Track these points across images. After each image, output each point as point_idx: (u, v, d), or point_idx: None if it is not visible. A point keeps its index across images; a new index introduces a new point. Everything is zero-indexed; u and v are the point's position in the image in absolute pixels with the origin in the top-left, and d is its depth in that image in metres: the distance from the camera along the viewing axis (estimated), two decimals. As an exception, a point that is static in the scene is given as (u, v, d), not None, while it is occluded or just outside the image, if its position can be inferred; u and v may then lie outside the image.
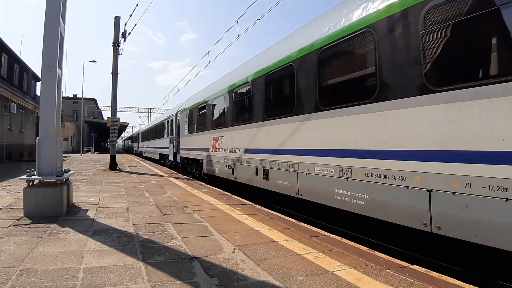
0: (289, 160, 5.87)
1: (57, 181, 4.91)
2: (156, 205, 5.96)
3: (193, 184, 9.74)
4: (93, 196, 6.80)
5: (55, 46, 5.00)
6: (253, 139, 7.30)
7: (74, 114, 47.49)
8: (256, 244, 3.66)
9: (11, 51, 21.42)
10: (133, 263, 2.97)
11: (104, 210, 5.33)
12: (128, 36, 15.58)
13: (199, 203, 6.27)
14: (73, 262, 2.93)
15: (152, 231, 4.09)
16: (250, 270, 2.85)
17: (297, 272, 2.83)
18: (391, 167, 3.82)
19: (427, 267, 3.12)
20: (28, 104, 24.03)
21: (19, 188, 6.85)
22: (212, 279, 2.65)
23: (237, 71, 9.23)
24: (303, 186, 5.49)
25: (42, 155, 4.83)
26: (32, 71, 26.18)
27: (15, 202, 5.65)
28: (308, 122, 5.33)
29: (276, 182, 6.31)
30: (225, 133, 9.06)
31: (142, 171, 14.37)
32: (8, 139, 19.89)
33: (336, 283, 2.62)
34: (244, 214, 5.32)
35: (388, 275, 2.83)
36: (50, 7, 4.97)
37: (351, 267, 3.00)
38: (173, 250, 3.36)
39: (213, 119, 10.35)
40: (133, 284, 2.51)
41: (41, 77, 5.04)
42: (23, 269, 2.73)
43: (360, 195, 4.27)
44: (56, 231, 3.96)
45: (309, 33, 5.62)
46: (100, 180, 10.05)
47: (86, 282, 2.52)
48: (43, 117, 4.97)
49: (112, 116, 15.29)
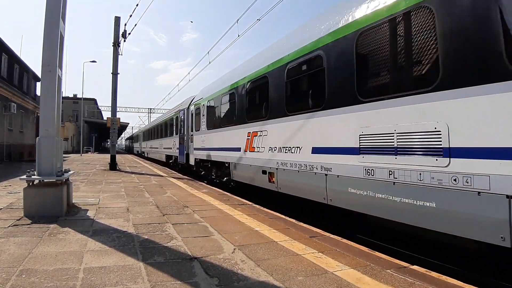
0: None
1: (57, 181, 4.91)
2: (156, 205, 5.96)
3: (193, 184, 9.74)
4: (93, 196, 6.80)
5: (55, 46, 5.00)
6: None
7: (74, 114, 47.49)
8: (256, 244, 3.66)
9: (11, 51, 21.44)
10: (133, 263, 2.97)
11: (104, 210, 5.33)
12: (129, 36, 15.60)
13: (199, 203, 6.27)
14: (73, 262, 2.93)
15: (152, 231, 4.09)
16: (250, 270, 2.85)
17: (297, 272, 2.83)
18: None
19: (427, 267, 3.12)
20: (28, 104, 24.04)
21: (19, 188, 6.85)
22: (212, 279, 2.65)
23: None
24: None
25: (42, 155, 4.83)
26: (32, 71, 26.19)
27: (15, 202, 5.65)
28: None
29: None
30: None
31: (142, 171, 14.37)
32: (8, 139, 19.90)
33: (336, 283, 2.62)
34: (244, 214, 5.32)
35: (388, 275, 2.83)
36: (50, 7, 4.97)
37: (351, 267, 3.00)
38: (173, 250, 3.36)
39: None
40: (133, 284, 2.51)
41: (41, 77, 5.04)
42: (23, 269, 2.73)
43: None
44: (56, 231, 3.96)
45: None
46: (100, 180, 10.05)
47: (86, 282, 2.52)
48: (43, 117, 4.97)
49: (112, 116, 15.29)
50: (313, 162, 5.22)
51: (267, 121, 6.68)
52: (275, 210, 5.94)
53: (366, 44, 4.28)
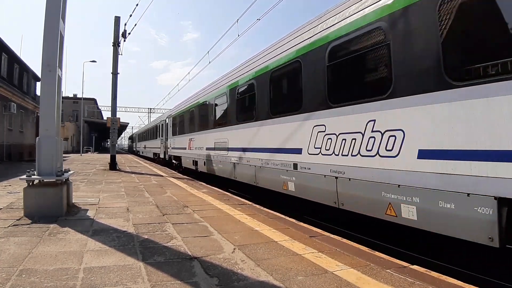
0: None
1: (57, 181, 4.91)
2: (156, 205, 5.96)
3: (193, 184, 9.74)
4: (93, 196, 6.80)
5: (55, 46, 5.00)
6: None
7: (74, 114, 47.46)
8: (256, 244, 3.66)
9: (11, 51, 21.42)
10: (133, 263, 2.97)
11: (104, 210, 5.33)
12: (129, 36, 15.59)
13: (199, 203, 6.27)
14: (73, 262, 2.93)
15: (152, 231, 4.09)
16: (250, 270, 2.85)
17: (297, 272, 2.83)
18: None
19: (427, 267, 3.12)
20: (28, 104, 24.03)
21: (19, 188, 6.85)
22: (212, 279, 2.65)
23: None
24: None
25: (42, 155, 4.83)
26: (32, 71, 26.18)
27: (15, 202, 5.65)
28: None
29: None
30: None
31: (142, 171, 14.37)
32: (8, 139, 19.88)
33: (336, 283, 2.62)
34: (244, 214, 5.32)
35: (388, 275, 2.83)
36: (50, 7, 4.97)
37: (351, 267, 3.00)
38: (173, 250, 3.36)
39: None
40: (133, 284, 2.51)
41: (41, 77, 5.04)
42: (23, 269, 2.73)
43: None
44: (56, 231, 3.96)
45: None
46: (100, 180, 10.04)
47: (86, 282, 2.52)
48: (43, 117, 4.97)
49: (112, 116, 15.27)
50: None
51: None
52: (275, 209, 5.95)
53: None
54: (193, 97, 13.42)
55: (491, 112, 2.87)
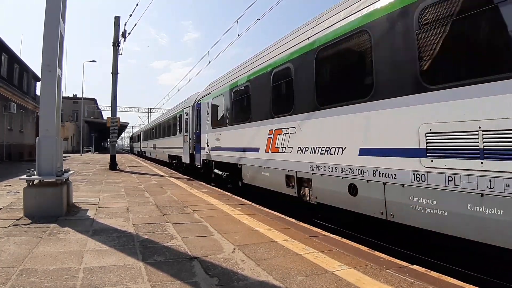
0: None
1: (57, 181, 4.91)
2: (156, 205, 5.96)
3: (193, 184, 9.74)
4: (93, 196, 6.80)
5: (55, 46, 5.00)
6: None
7: (74, 114, 47.47)
8: (256, 244, 3.66)
9: (11, 51, 21.43)
10: (133, 263, 2.97)
11: (104, 210, 5.33)
12: (129, 35, 15.59)
13: (199, 203, 6.27)
14: (73, 262, 2.93)
15: (152, 231, 4.09)
16: (250, 270, 2.85)
17: (297, 272, 2.83)
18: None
19: (427, 267, 3.12)
20: (28, 104, 24.03)
21: (19, 188, 6.85)
22: (212, 279, 2.65)
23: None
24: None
25: (42, 155, 4.83)
26: (32, 71, 26.18)
27: (15, 202, 5.65)
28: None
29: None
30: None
31: (142, 171, 14.37)
32: (8, 139, 19.89)
33: (336, 283, 2.62)
34: (244, 214, 5.32)
35: (388, 275, 2.83)
36: (50, 7, 4.97)
37: (351, 267, 3.00)
38: (173, 250, 3.37)
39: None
40: (133, 284, 2.51)
41: (41, 77, 5.04)
42: (23, 269, 2.73)
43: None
44: (56, 231, 3.96)
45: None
46: (100, 180, 10.05)
47: (86, 282, 2.52)
48: (43, 117, 4.97)
49: (112, 116, 15.28)
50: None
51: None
52: (275, 209, 5.95)
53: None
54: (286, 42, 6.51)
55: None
